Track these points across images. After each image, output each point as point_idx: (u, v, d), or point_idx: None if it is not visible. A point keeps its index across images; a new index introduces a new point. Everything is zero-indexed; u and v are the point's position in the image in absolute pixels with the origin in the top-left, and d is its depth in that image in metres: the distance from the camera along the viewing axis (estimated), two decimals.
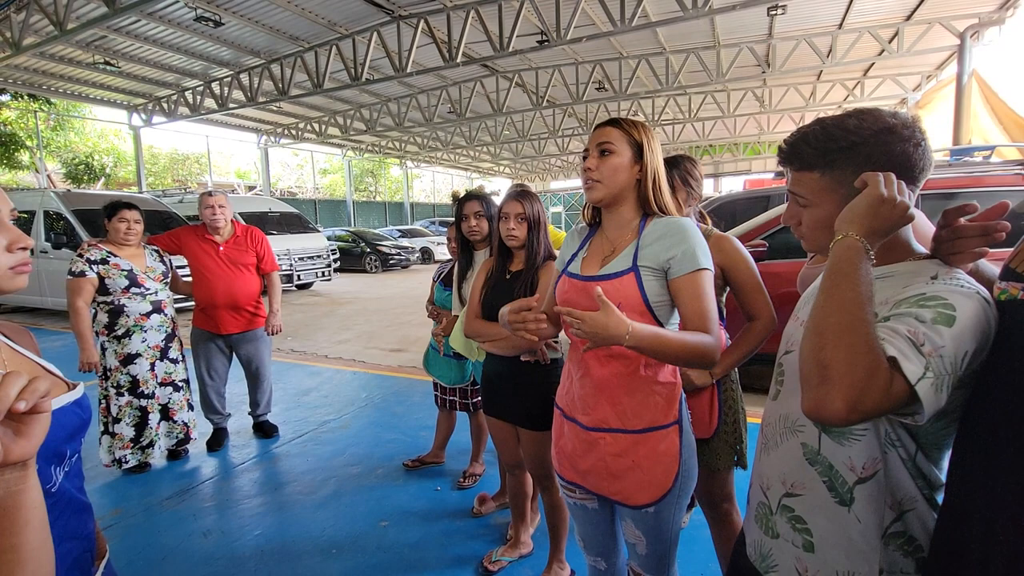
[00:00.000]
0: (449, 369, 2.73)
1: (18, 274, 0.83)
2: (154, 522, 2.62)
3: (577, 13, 7.94)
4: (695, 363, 1.16)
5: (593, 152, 1.31)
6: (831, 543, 0.89)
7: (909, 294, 0.78)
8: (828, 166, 0.86)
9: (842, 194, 0.86)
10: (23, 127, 16.13)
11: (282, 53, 10.73)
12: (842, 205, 0.86)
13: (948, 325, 0.71)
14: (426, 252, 17.37)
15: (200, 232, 3.31)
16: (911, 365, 0.69)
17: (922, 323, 0.72)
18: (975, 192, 3.55)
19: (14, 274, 0.82)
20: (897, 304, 0.78)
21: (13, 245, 0.82)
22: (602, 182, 1.29)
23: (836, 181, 0.86)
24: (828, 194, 0.88)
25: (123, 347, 2.99)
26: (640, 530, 1.33)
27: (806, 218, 0.93)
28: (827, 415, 0.71)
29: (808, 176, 0.89)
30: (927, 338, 0.71)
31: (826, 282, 0.77)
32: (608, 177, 1.29)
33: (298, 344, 6.49)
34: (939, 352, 0.70)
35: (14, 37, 8.49)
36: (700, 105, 15.56)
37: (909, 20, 9.78)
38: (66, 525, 0.83)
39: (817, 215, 0.90)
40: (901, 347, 0.71)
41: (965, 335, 0.71)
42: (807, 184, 0.90)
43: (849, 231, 0.79)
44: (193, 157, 24.87)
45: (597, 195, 1.31)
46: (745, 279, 1.66)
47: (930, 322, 0.72)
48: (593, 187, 1.31)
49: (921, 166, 0.83)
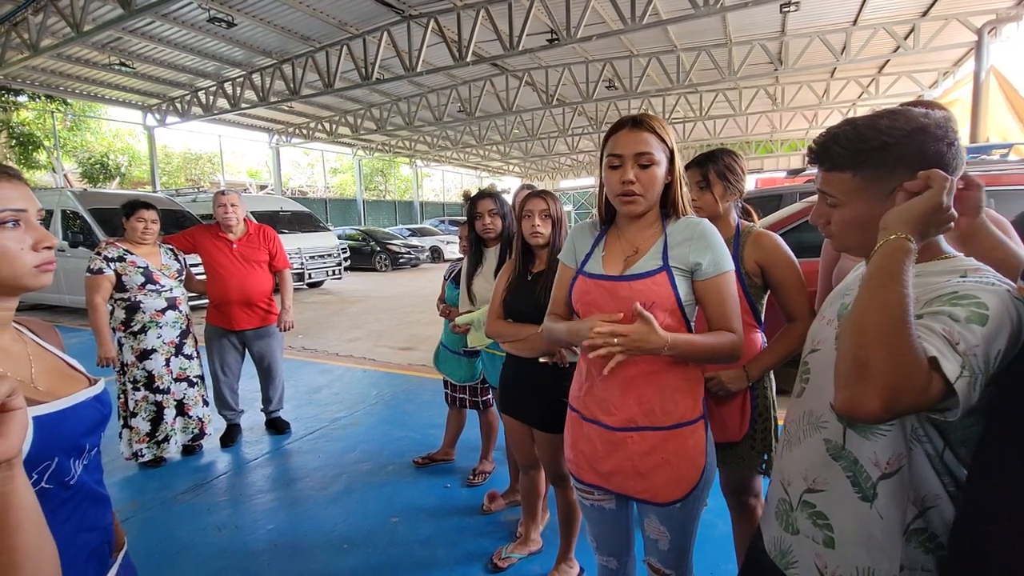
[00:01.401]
0: (459, 367, 2.74)
1: (43, 272, 0.85)
2: (170, 516, 2.66)
3: (587, 11, 7.92)
4: (721, 360, 1.25)
5: (631, 163, 1.22)
6: (852, 539, 0.89)
7: (942, 292, 0.77)
8: (859, 166, 0.86)
9: (873, 193, 0.86)
10: (40, 127, 16.42)
11: (294, 53, 10.80)
12: (874, 205, 0.86)
13: (982, 324, 0.72)
14: (436, 251, 17.41)
15: (214, 230, 3.36)
16: (949, 364, 0.70)
17: (956, 322, 0.72)
18: (993, 191, 3.49)
19: (39, 272, 0.84)
20: (929, 303, 0.77)
21: (39, 244, 0.84)
22: (644, 196, 1.23)
23: (868, 181, 0.86)
24: (859, 194, 0.87)
25: (139, 343, 3.05)
26: (664, 526, 1.32)
27: (836, 217, 0.92)
28: (861, 413, 0.71)
29: (839, 176, 0.89)
30: (962, 337, 0.71)
31: (872, 281, 0.77)
32: (649, 190, 1.23)
33: (309, 342, 6.54)
34: (973, 351, 0.71)
35: (32, 39, 8.63)
36: (711, 103, 15.43)
37: (925, 16, 9.64)
38: (84, 517, 0.85)
39: (847, 215, 0.90)
40: (939, 346, 0.71)
41: (998, 334, 0.72)
42: (838, 184, 0.89)
43: (901, 232, 0.78)
44: (206, 156, 25.13)
45: (639, 209, 1.26)
46: (785, 278, 1.58)
47: (964, 321, 0.72)
48: (635, 201, 1.24)
49: (954, 165, 0.83)
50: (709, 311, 1.25)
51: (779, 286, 1.59)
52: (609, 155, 1.25)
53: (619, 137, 1.25)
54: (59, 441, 0.78)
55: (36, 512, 0.64)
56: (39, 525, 0.64)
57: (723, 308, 1.24)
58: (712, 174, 1.69)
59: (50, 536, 0.66)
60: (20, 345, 0.87)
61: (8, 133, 15.85)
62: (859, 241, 0.91)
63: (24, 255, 0.82)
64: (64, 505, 0.81)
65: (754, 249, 1.62)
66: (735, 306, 1.25)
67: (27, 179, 0.87)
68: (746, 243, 1.64)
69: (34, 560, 0.62)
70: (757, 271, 1.61)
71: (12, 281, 0.82)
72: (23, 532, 0.61)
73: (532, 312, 1.83)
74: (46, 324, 0.99)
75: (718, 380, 1.58)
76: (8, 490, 0.60)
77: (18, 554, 0.61)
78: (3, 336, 0.85)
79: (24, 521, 0.61)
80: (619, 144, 1.24)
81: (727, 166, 1.70)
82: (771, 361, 1.60)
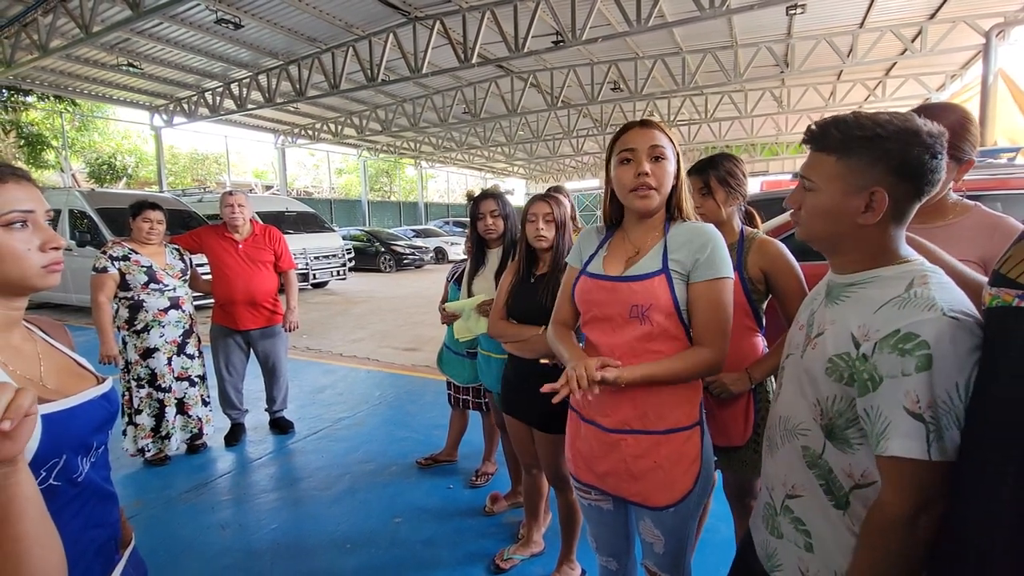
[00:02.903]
0: (463, 369, 2.74)
1: (50, 273, 0.86)
2: (173, 514, 2.67)
3: (593, 13, 7.91)
4: (692, 379, 1.24)
5: (646, 157, 1.22)
6: (829, 544, 0.91)
7: (885, 329, 0.80)
8: (846, 152, 0.87)
9: (850, 183, 0.87)
10: (49, 127, 16.57)
11: (300, 54, 10.86)
12: (847, 196, 0.87)
13: (929, 368, 0.74)
14: (440, 252, 17.43)
15: (220, 231, 3.38)
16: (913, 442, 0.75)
17: (908, 376, 0.76)
18: (1001, 195, 3.47)
19: (47, 273, 0.85)
20: (880, 347, 0.79)
21: (46, 245, 0.85)
22: (658, 190, 1.23)
23: (848, 169, 0.87)
24: (836, 181, 0.88)
25: (142, 341, 3.07)
26: (659, 530, 1.32)
27: (808, 203, 0.93)
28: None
29: (824, 159, 0.90)
30: (919, 394, 0.75)
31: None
32: (663, 184, 1.23)
33: (313, 342, 6.56)
34: (935, 399, 0.74)
35: (41, 40, 8.70)
36: (717, 105, 15.40)
37: (933, 19, 9.58)
38: (91, 513, 0.86)
39: (819, 201, 0.91)
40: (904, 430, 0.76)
41: (949, 369, 0.74)
42: (820, 168, 0.91)
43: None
44: (212, 157, 25.29)
45: (654, 204, 1.24)
46: (788, 285, 1.57)
47: (915, 372, 0.75)
48: (650, 195, 1.23)
49: (930, 179, 0.84)
50: (694, 318, 1.22)
51: (782, 293, 1.59)
52: (621, 151, 1.25)
53: (630, 134, 1.26)
54: (67, 439, 0.79)
55: (39, 504, 0.66)
56: (43, 515, 0.66)
57: (709, 317, 1.20)
58: (713, 180, 1.69)
59: (54, 527, 0.68)
60: (31, 344, 0.88)
61: (17, 133, 16.00)
62: (822, 232, 0.93)
63: (32, 256, 0.83)
64: (72, 502, 0.82)
65: (758, 256, 1.62)
66: (723, 318, 1.21)
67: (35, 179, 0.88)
68: (750, 249, 1.64)
69: (40, 547, 0.64)
70: (760, 277, 1.61)
71: (20, 282, 0.83)
72: (29, 519, 0.63)
73: (535, 314, 1.84)
74: (56, 323, 1.00)
75: (720, 382, 1.57)
76: (11, 483, 0.62)
77: (28, 539, 0.63)
78: (14, 335, 0.86)
79: (28, 510, 0.63)
80: (631, 139, 1.25)
81: (728, 171, 1.69)
82: (774, 364, 1.58)
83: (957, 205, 1.38)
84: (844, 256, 0.93)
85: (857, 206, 0.86)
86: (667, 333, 1.23)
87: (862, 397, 0.82)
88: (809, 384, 0.93)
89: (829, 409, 0.89)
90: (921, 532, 0.77)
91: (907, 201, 0.86)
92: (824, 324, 0.93)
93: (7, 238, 0.81)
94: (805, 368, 0.94)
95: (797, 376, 0.97)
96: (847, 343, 0.85)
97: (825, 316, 0.94)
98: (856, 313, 0.86)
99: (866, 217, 0.86)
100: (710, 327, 1.20)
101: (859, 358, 0.83)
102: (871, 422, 0.80)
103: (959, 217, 1.35)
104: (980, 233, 1.30)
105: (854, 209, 0.87)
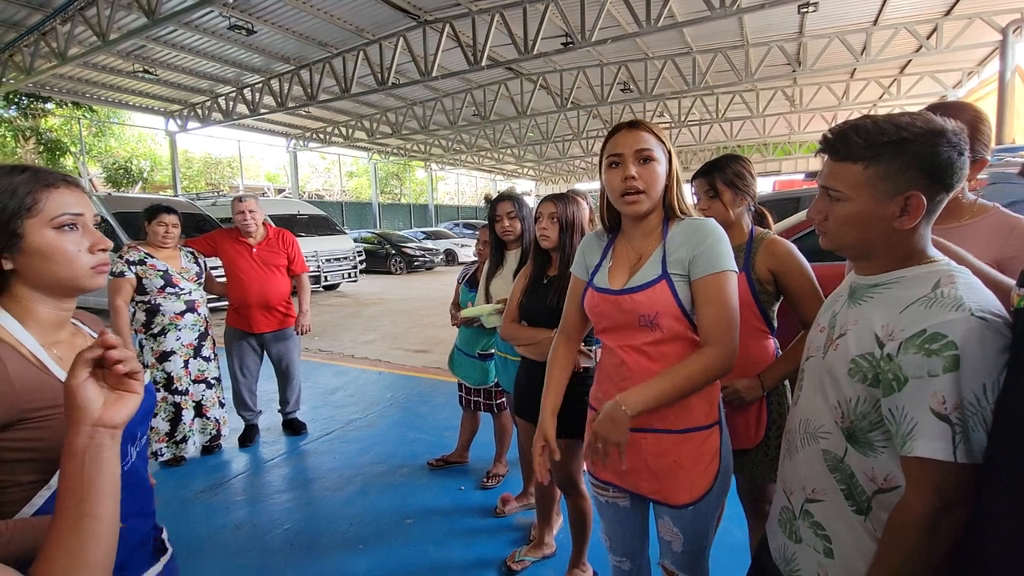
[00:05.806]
0: (473, 370, 2.75)
1: (98, 273, 0.90)
2: (189, 514, 2.70)
3: (602, 14, 7.90)
4: (703, 386, 1.18)
5: (632, 159, 1.21)
6: (849, 550, 0.89)
7: (911, 329, 0.79)
8: (874, 159, 0.85)
9: (881, 190, 0.85)
10: (67, 133, 16.90)
11: (311, 59, 10.96)
12: (878, 203, 0.85)
13: (956, 368, 0.73)
14: (450, 254, 17.48)
15: (234, 235, 3.42)
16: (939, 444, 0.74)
17: (935, 377, 0.75)
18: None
19: (95, 273, 0.89)
20: (905, 347, 0.78)
21: (95, 247, 0.88)
22: (647, 193, 1.21)
23: (878, 176, 0.85)
24: (867, 189, 0.86)
25: (159, 345, 3.11)
26: (678, 528, 1.32)
27: (836, 212, 0.91)
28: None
29: (849, 168, 0.87)
30: (946, 395, 0.74)
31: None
32: (652, 187, 1.22)
33: (325, 344, 6.62)
34: (962, 401, 0.73)
35: (60, 48, 8.87)
36: (728, 105, 15.28)
37: (948, 15, 9.44)
38: (135, 501, 0.90)
39: (850, 210, 0.89)
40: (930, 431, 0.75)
41: (976, 370, 0.73)
42: (846, 177, 0.88)
43: None
44: (225, 161, 25.64)
45: (644, 208, 1.23)
46: (799, 285, 1.54)
47: (942, 373, 0.74)
48: (638, 200, 1.21)
49: (959, 176, 0.83)
50: (698, 316, 1.19)
51: (792, 293, 1.56)
52: (609, 155, 1.25)
53: (617, 138, 1.25)
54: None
55: (117, 485, 0.68)
56: (118, 500, 0.68)
57: (711, 313, 1.17)
58: (719, 182, 1.68)
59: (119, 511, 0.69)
60: (81, 339, 0.94)
61: (37, 139, 16.33)
62: (854, 240, 0.91)
63: (81, 257, 0.86)
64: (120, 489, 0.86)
65: (766, 256, 1.60)
66: (727, 313, 1.17)
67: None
68: (758, 250, 1.62)
69: (110, 533, 0.65)
70: (769, 278, 1.59)
71: (70, 282, 0.86)
72: (108, 498, 0.65)
73: (545, 315, 1.84)
74: (95, 317, 1.06)
75: (733, 389, 1.56)
76: (107, 456, 0.65)
77: (102, 522, 0.64)
78: (64, 332, 0.91)
79: (108, 488, 0.65)
80: (618, 143, 1.25)
81: (736, 173, 1.68)
82: (786, 369, 1.57)
83: (973, 206, 1.36)
84: (875, 260, 0.91)
85: (892, 211, 0.85)
86: (679, 335, 1.23)
87: (887, 397, 0.81)
88: (831, 386, 0.91)
89: (851, 412, 0.87)
90: (943, 534, 0.76)
91: (939, 201, 0.85)
92: (847, 325, 0.91)
93: (59, 240, 0.84)
94: (827, 369, 0.93)
95: (818, 378, 0.96)
96: (871, 343, 0.84)
97: (848, 317, 0.92)
98: (880, 313, 0.85)
99: (902, 221, 0.85)
100: (714, 324, 1.17)
101: (883, 358, 0.81)
102: (896, 423, 0.79)
103: (975, 218, 1.33)
104: (996, 235, 1.28)
105: (889, 215, 0.85)
